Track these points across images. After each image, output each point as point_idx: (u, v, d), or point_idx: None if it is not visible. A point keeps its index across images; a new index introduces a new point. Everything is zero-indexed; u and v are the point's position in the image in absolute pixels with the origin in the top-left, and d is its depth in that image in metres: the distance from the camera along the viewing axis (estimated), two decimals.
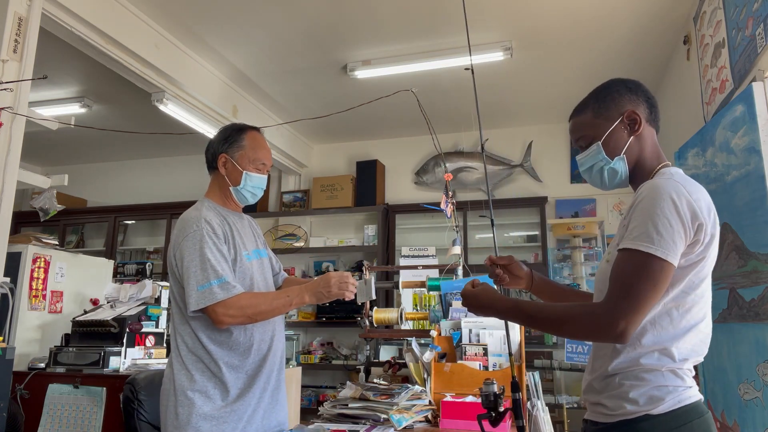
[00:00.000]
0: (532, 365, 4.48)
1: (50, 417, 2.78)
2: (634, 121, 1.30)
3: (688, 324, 1.21)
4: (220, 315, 1.63)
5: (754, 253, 2.33)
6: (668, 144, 4.36)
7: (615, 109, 1.32)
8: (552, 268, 5.24)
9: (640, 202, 1.19)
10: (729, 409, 2.60)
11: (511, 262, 1.55)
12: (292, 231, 5.87)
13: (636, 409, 1.18)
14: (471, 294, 1.37)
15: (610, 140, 1.31)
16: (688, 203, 1.16)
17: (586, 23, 3.78)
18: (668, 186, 1.18)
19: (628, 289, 1.12)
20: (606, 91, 1.35)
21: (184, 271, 1.68)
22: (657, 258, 1.12)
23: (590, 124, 1.35)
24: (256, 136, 1.91)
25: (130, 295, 3.27)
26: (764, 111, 2.30)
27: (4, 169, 2.67)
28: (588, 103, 1.37)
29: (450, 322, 2.40)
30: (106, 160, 6.83)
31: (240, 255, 1.80)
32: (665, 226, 1.13)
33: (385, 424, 1.88)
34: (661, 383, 1.18)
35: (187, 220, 1.76)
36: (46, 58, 4.03)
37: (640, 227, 1.15)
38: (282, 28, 3.86)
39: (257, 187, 1.89)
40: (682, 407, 1.17)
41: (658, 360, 1.19)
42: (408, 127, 5.71)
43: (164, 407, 1.71)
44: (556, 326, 1.24)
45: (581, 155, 1.39)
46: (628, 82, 1.35)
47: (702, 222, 1.17)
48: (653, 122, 1.34)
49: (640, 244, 1.14)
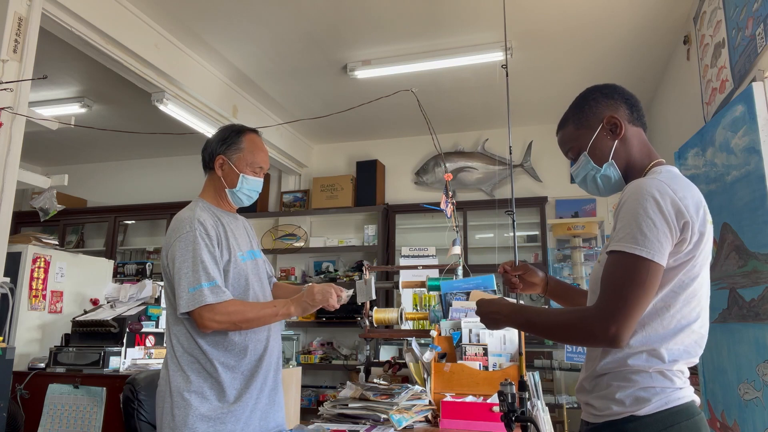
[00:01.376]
0: (532, 365, 4.48)
1: (50, 417, 2.78)
2: (615, 125, 1.31)
3: (680, 324, 1.19)
4: (206, 319, 1.62)
5: (754, 253, 2.33)
6: (668, 144, 4.37)
7: (594, 118, 1.33)
8: (552, 268, 5.24)
9: (624, 203, 1.19)
10: (729, 409, 2.60)
11: (526, 270, 1.57)
12: (292, 231, 5.87)
13: (622, 410, 1.18)
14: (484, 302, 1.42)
15: (596, 148, 1.33)
16: (672, 201, 1.15)
17: (586, 23, 3.78)
18: (652, 185, 1.17)
19: (618, 293, 1.13)
20: (583, 101, 1.36)
21: (175, 272, 1.67)
22: (643, 259, 1.12)
23: (574, 136, 1.37)
24: (254, 139, 1.90)
25: (130, 295, 3.27)
26: (764, 111, 2.30)
27: (4, 169, 2.67)
28: (568, 117, 1.39)
29: (450, 322, 2.40)
30: (106, 160, 6.83)
31: (234, 255, 1.79)
32: (649, 227, 1.13)
33: (385, 424, 1.88)
34: (648, 384, 1.18)
35: (181, 221, 1.75)
36: (46, 58, 4.03)
37: (625, 228, 1.15)
38: (282, 28, 3.86)
39: (253, 190, 1.89)
40: (668, 409, 1.16)
41: (646, 361, 1.18)
42: (408, 127, 5.71)
43: (160, 408, 1.70)
44: (552, 333, 1.25)
45: (573, 168, 1.41)
46: (604, 87, 1.36)
47: (688, 220, 1.15)
48: (637, 121, 1.34)
49: (625, 246, 1.14)
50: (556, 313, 1.23)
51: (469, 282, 2.59)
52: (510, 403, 1.36)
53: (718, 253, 2.66)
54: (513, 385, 1.39)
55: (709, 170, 2.84)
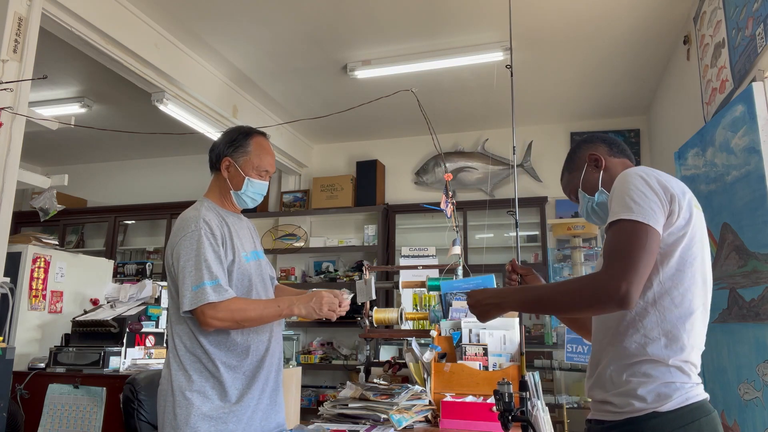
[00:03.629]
0: (532, 365, 4.48)
1: (50, 417, 2.78)
2: (596, 160, 1.47)
3: (691, 306, 1.22)
4: (208, 317, 1.62)
5: (754, 253, 2.33)
6: (668, 144, 4.37)
7: (580, 160, 1.52)
8: (552, 268, 5.24)
9: (613, 191, 1.28)
10: (729, 409, 2.60)
11: (530, 274, 1.65)
12: (292, 231, 5.87)
13: (644, 407, 1.19)
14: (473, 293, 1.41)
15: (587, 182, 1.49)
16: (657, 179, 1.24)
17: (586, 23, 3.78)
18: (635, 170, 1.29)
19: (622, 254, 1.16)
20: (571, 152, 1.57)
21: (179, 270, 1.68)
22: (641, 223, 1.18)
23: (570, 180, 1.55)
24: (262, 143, 1.91)
25: (130, 295, 3.27)
26: (764, 111, 2.30)
27: (4, 169, 2.67)
28: (563, 168, 1.59)
29: (450, 322, 2.40)
30: (106, 160, 6.83)
31: (239, 255, 1.79)
32: (641, 197, 1.21)
33: (385, 424, 1.89)
34: (669, 380, 1.19)
35: (186, 220, 1.75)
36: (46, 58, 4.03)
37: (619, 202, 1.23)
38: (282, 28, 3.86)
39: (258, 193, 1.90)
40: (689, 405, 1.18)
41: (664, 349, 1.20)
42: (408, 127, 5.71)
43: (162, 408, 1.70)
44: (560, 303, 1.25)
45: (579, 208, 1.56)
46: (585, 137, 1.56)
47: (674, 194, 1.23)
48: (619, 154, 1.50)
49: (621, 214, 1.20)
50: (561, 283, 1.27)
51: (469, 282, 2.59)
52: (507, 402, 1.36)
53: (718, 253, 2.66)
54: (510, 384, 1.40)
55: (709, 170, 2.84)
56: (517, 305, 1.37)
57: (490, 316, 1.37)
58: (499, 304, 1.35)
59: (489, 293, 1.38)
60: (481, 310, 1.37)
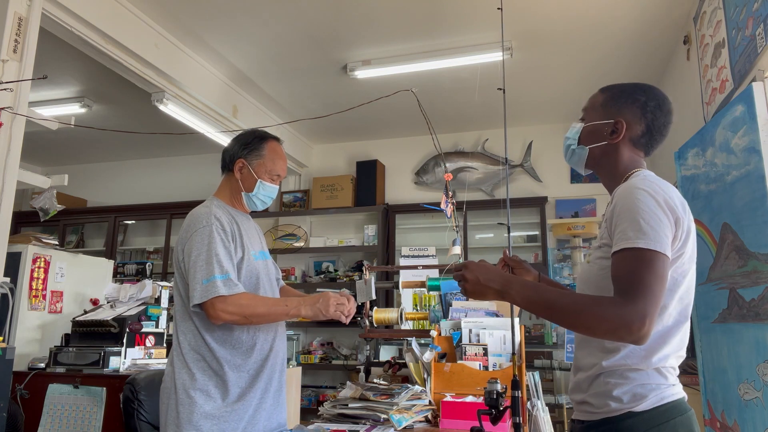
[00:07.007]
0: (532, 365, 4.48)
1: (50, 417, 2.78)
2: (615, 131, 1.35)
3: (676, 322, 1.23)
4: (218, 310, 1.64)
5: (754, 253, 2.33)
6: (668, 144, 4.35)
7: (614, 110, 1.36)
8: (552, 268, 5.24)
9: (621, 204, 1.21)
10: (729, 409, 2.60)
11: (519, 266, 1.60)
12: (292, 231, 5.87)
13: (620, 407, 1.20)
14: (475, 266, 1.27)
15: (590, 131, 1.40)
16: (665, 200, 1.19)
17: (586, 23, 3.78)
18: (644, 185, 1.22)
19: (644, 289, 1.09)
20: (625, 92, 1.38)
21: (190, 265, 1.69)
22: (656, 252, 1.13)
23: (594, 105, 1.41)
24: (276, 148, 1.95)
25: (130, 295, 3.27)
26: (764, 111, 2.30)
27: (4, 169, 2.67)
28: (610, 89, 1.41)
29: (450, 322, 2.40)
30: (106, 160, 6.83)
31: (248, 254, 1.82)
32: (656, 221, 1.15)
33: (385, 424, 1.89)
34: (645, 381, 1.20)
35: (197, 216, 1.78)
36: (46, 58, 4.03)
37: (633, 226, 1.15)
38: (282, 27, 3.86)
39: (268, 196, 1.94)
40: (664, 404, 1.19)
41: (644, 359, 1.20)
42: (408, 127, 5.71)
43: (164, 405, 1.71)
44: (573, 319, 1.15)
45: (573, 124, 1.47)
46: (651, 100, 1.36)
47: (679, 216, 1.20)
48: (642, 146, 1.37)
49: (638, 242, 1.14)
50: (576, 297, 1.17)
51: None
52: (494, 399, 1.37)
53: (718, 253, 2.66)
54: (498, 382, 1.40)
55: (709, 170, 2.84)
56: (521, 301, 1.21)
57: (482, 298, 1.27)
58: (500, 291, 1.23)
59: (493, 276, 1.24)
60: (477, 289, 1.26)
